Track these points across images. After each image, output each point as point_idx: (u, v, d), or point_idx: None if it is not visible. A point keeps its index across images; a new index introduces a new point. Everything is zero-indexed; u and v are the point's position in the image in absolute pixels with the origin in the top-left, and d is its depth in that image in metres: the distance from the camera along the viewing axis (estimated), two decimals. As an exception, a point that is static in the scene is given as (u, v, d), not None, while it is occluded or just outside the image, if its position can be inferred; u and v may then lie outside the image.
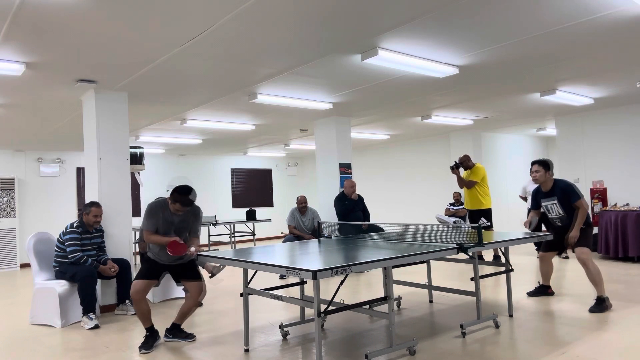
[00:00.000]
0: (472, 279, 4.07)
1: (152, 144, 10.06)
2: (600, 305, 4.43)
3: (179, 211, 3.87)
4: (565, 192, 4.70)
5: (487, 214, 7.25)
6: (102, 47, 4.06)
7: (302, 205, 7.17)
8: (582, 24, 3.99)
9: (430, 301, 5.12)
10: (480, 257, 6.74)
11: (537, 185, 4.96)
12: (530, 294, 5.16)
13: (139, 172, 8.38)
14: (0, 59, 4.22)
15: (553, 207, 4.81)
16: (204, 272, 5.53)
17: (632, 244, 7.01)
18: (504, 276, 5.95)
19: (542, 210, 4.98)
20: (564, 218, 4.76)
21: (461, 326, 3.89)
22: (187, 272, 4.01)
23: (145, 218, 3.90)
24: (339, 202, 6.98)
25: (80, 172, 10.79)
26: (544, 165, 4.80)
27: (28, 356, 3.85)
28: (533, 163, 4.86)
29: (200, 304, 5.36)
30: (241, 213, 13.20)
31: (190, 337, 4.08)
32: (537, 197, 4.96)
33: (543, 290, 5.14)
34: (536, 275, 6.37)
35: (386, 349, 3.41)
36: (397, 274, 6.83)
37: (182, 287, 4.49)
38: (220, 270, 4.70)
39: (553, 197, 4.78)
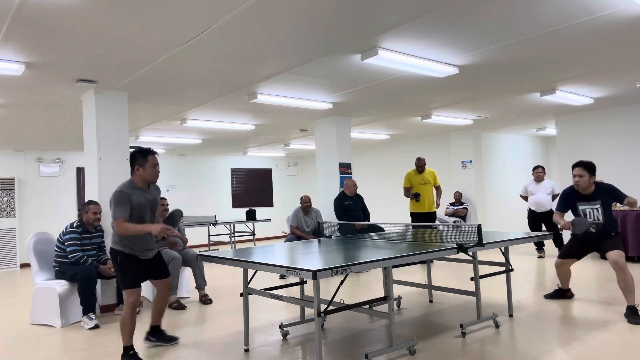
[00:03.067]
0: (472, 279, 4.07)
1: (152, 144, 10.06)
2: (636, 315, 4.05)
3: (154, 178, 3.53)
4: (613, 195, 4.34)
5: (434, 217, 7.61)
6: (102, 47, 4.06)
7: (306, 205, 7.17)
8: (582, 24, 3.99)
9: (430, 301, 5.13)
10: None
11: (567, 188, 4.58)
12: (547, 297, 4.99)
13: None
14: (0, 59, 4.22)
15: (592, 212, 4.43)
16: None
17: (632, 244, 7.01)
18: (504, 276, 5.95)
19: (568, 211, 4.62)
20: (600, 225, 4.41)
21: (461, 326, 3.89)
22: (158, 269, 3.75)
23: (114, 206, 3.39)
24: (339, 202, 6.99)
25: (80, 172, 10.80)
26: (589, 168, 4.33)
27: (28, 356, 3.85)
28: (576, 165, 4.35)
29: (183, 307, 5.30)
30: (241, 213, 13.20)
31: (173, 339, 3.95)
32: (571, 199, 4.52)
33: (562, 294, 4.94)
34: (536, 275, 6.37)
35: (386, 349, 3.41)
36: (397, 273, 6.83)
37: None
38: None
39: (595, 202, 4.37)
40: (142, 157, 3.54)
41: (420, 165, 7.56)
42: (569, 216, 4.58)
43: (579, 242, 4.65)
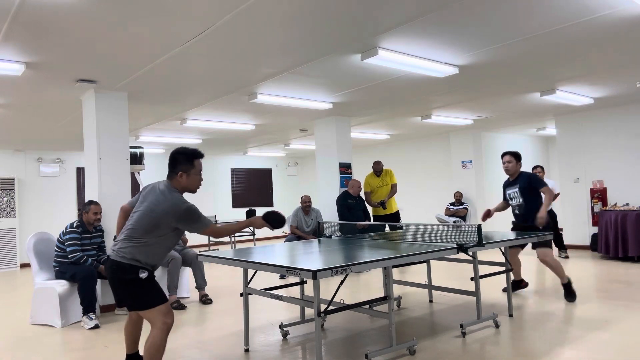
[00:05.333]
0: (472, 279, 4.07)
1: (152, 143, 10.06)
2: (570, 289, 4.80)
3: (197, 188, 3.01)
4: (530, 180, 4.96)
5: (398, 217, 7.68)
6: (102, 47, 4.06)
7: (306, 205, 7.17)
8: (582, 23, 3.99)
9: (430, 301, 5.13)
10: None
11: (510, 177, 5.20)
12: (505, 290, 5.13)
13: (139, 172, 8.38)
14: (0, 59, 4.22)
15: (514, 194, 5.07)
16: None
17: (632, 244, 7.01)
18: (503, 276, 5.95)
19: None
20: (523, 207, 5.01)
21: (461, 326, 3.89)
22: None
23: (197, 219, 2.81)
24: (342, 200, 7.00)
25: (80, 172, 10.79)
26: (516, 156, 5.05)
27: (28, 356, 3.85)
28: (505, 154, 5.09)
29: (184, 307, 5.25)
30: (241, 213, 13.21)
31: None
32: (504, 186, 5.24)
33: (516, 285, 5.31)
34: (536, 275, 6.37)
35: (386, 349, 3.41)
36: (397, 273, 6.83)
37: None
38: None
39: (515, 185, 5.04)
40: (187, 162, 2.89)
41: (378, 170, 7.57)
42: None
43: (517, 231, 5.05)
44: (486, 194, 10.47)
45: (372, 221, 7.36)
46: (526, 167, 10.75)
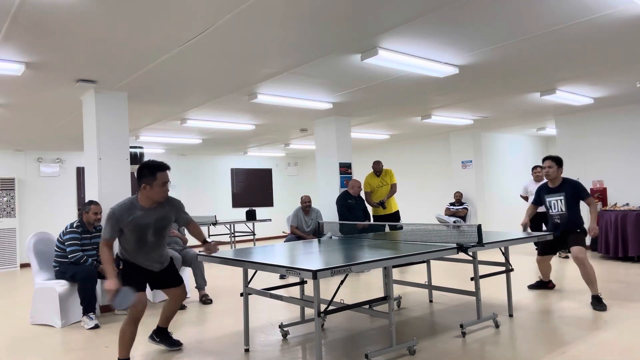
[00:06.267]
0: (472, 279, 4.07)
1: (152, 144, 10.06)
2: (601, 303, 4.50)
3: (162, 198, 3.21)
4: (576, 189, 4.84)
5: (398, 216, 7.71)
6: (102, 47, 4.06)
7: (306, 205, 7.18)
8: (582, 23, 3.99)
9: (430, 301, 5.13)
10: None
11: (542, 182, 5.09)
12: (531, 287, 5.47)
13: (139, 172, 8.38)
14: (0, 59, 4.22)
15: (557, 204, 4.91)
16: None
17: (632, 244, 7.01)
18: (503, 276, 5.95)
19: (542, 207, 5.15)
20: (564, 216, 4.87)
21: (461, 326, 3.89)
22: (168, 281, 3.58)
23: (106, 224, 3.16)
24: (342, 200, 7.00)
25: (80, 172, 10.80)
26: (557, 161, 4.92)
27: (28, 356, 3.85)
28: (546, 158, 4.96)
29: (184, 307, 5.32)
30: (241, 213, 13.21)
31: (177, 344, 3.83)
32: (541, 193, 5.07)
33: (543, 285, 5.44)
34: (536, 275, 6.37)
35: (386, 349, 3.41)
36: (397, 273, 6.83)
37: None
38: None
39: (560, 193, 4.89)
40: (150, 175, 3.15)
41: (378, 170, 7.59)
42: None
43: (551, 239, 4.94)
44: (486, 194, 10.48)
45: (372, 221, 7.37)
46: (526, 167, 10.84)
